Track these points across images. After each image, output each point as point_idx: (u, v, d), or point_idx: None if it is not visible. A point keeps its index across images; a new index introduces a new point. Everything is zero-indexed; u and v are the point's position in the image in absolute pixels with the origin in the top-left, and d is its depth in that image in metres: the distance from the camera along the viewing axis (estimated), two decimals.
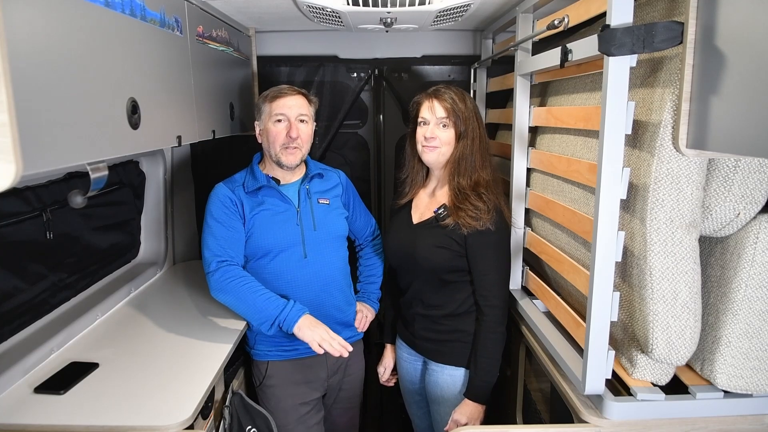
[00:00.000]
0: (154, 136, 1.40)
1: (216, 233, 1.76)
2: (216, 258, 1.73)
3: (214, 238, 1.75)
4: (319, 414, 1.94)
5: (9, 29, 0.81)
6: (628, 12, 1.14)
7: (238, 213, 1.79)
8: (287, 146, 1.78)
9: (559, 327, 1.65)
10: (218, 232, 1.76)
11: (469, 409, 1.70)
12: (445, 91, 1.72)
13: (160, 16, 1.43)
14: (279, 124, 1.78)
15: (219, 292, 1.72)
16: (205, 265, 1.75)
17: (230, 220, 1.77)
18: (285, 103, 1.78)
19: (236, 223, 1.78)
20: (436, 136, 1.71)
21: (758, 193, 1.22)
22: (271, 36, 2.58)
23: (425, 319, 1.81)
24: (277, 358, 1.88)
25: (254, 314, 1.69)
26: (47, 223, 1.67)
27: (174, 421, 1.30)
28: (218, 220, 1.77)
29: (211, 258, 1.73)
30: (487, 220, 1.65)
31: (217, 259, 1.73)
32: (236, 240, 1.77)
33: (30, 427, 1.30)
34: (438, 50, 2.67)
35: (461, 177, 1.70)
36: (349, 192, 2.04)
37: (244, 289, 1.69)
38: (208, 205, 1.80)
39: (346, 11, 1.94)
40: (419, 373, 1.94)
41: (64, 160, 0.99)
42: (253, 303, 1.68)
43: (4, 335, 1.52)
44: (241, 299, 1.70)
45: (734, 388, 1.30)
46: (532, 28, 1.81)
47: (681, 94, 1.11)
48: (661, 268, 1.23)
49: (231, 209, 1.78)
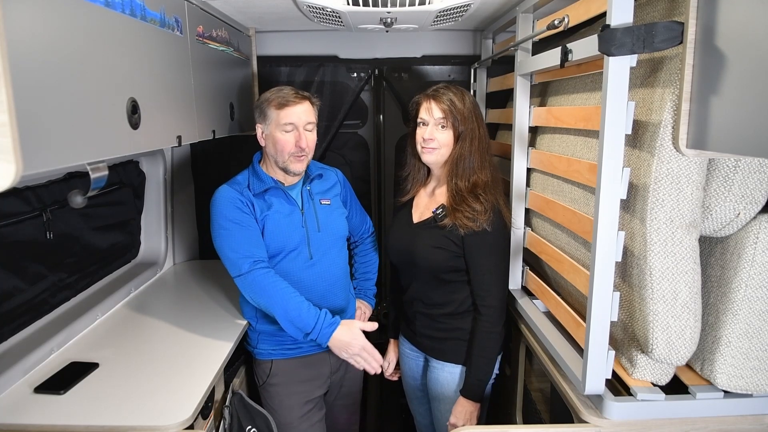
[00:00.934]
0: (154, 136, 1.40)
1: (236, 235, 1.72)
2: (248, 259, 1.69)
3: (237, 240, 1.71)
4: (321, 412, 1.95)
5: (9, 29, 0.81)
6: (628, 12, 1.14)
7: (252, 213, 1.77)
8: (296, 155, 1.77)
9: (559, 327, 1.65)
10: (238, 233, 1.72)
11: (464, 408, 1.71)
12: (444, 92, 1.72)
13: (160, 16, 1.43)
14: (287, 134, 1.75)
15: (253, 295, 1.70)
16: (234, 268, 1.70)
17: (246, 220, 1.74)
18: (294, 112, 1.75)
19: (252, 222, 1.75)
20: (434, 137, 1.71)
21: (758, 193, 1.22)
22: (271, 36, 2.57)
23: (426, 317, 1.82)
24: (281, 357, 1.88)
25: (288, 324, 1.67)
26: (47, 223, 1.67)
27: (174, 421, 1.30)
28: (234, 221, 1.73)
29: (241, 260, 1.69)
30: (484, 221, 1.65)
31: (250, 260, 1.69)
32: (258, 238, 1.75)
33: (30, 427, 1.30)
34: (438, 50, 2.66)
35: (459, 179, 1.70)
36: (347, 189, 2.05)
37: (278, 295, 1.67)
38: (218, 207, 1.75)
39: (346, 11, 1.94)
40: (421, 369, 1.95)
41: (64, 160, 0.99)
42: (286, 312, 1.66)
43: (4, 335, 1.52)
44: (275, 305, 1.67)
45: (734, 388, 1.30)
46: (532, 28, 1.81)
47: (681, 94, 1.11)
48: (661, 268, 1.23)
49: (244, 210, 1.75)
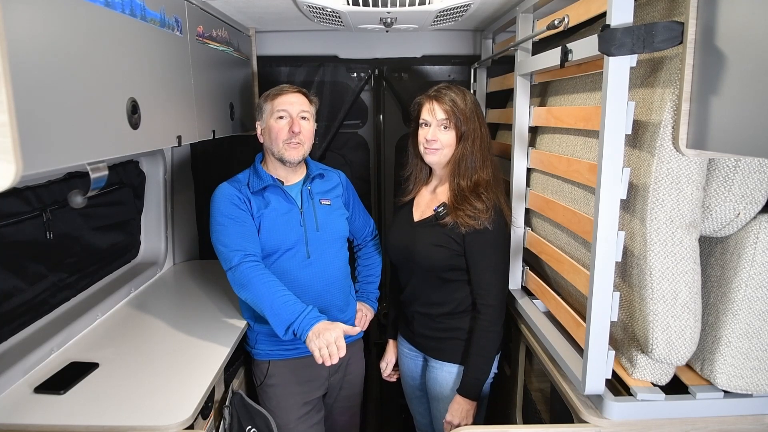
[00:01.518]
0: (154, 136, 1.40)
1: (230, 229, 1.73)
2: (239, 252, 1.68)
3: (230, 234, 1.72)
4: (319, 413, 1.95)
5: (9, 29, 0.81)
6: (628, 12, 1.14)
7: (248, 210, 1.78)
8: (290, 141, 1.78)
9: (559, 327, 1.65)
10: (232, 228, 1.73)
11: (460, 407, 1.71)
12: (446, 92, 1.72)
13: (160, 16, 1.43)
14: (281, 121, 1.79)
15: (240, 288, 1.69)
16: (225, 261, 1.71)
17: (242, 216, 1.76)
18: (286, 100, 1.79)
19: (248, 219, 1.77)
20: (437, 138, 1.71)
21: (758, 193, 1.22)
22: (271, 36, 2.57)
23: (424, 317, 1.82)
24: (279, 358, 1.88)
25: (271, 317, 1.63)
26: (47, 223, 1.67)
27: (174, 421, 1.30)
28: (229, 216, 1.74)
29: (231, 254, 1.69)
30: (485, 220, 1.65)
31: (241, 254, 1.68)
32: (252, 234, 1.75)
33: (30, 427, 1.30)
34: (438, 50, 2.66)
35: (461, 178, 1.70)
36: (349, 191, 2.05)
37: (264, 288, 1.64)
38: (215, 204, 1.78)
39: (346, 11, 1.94)
40: (420, 369, 1.95)
41: (64, 160, 0.99)
42: (271, 305, 1.63)
43: (4, 335, 1.52)
44: (261, 298, 1.64)
45: (734, 388, 1.30)
46: (532, 28, 1.81)
47: (681, 94, 1.11)
48: (661, 268, 1.23)
49: (241, 206, 1.77)
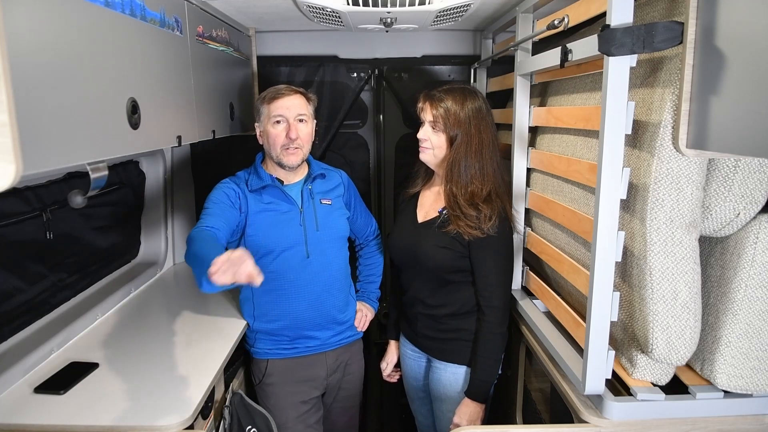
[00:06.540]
0: (154, 136, 1.40)
1: (209, 211, 1.70)
2: (200, 226, 1.62)
3: (206, 215, 1.69)
4: (318, 413, 1.95)
5: (9, 29, 0.81)
6: (628, 12, 1.14)
7: (238, 204, 1.77)
8: (287, 147, 1.77)
9: (559, 327, 1.65)
10: (209, 209, 1.71)
11: (468, 409, 1.70)
12: (441, 95, 1.70)
13: (160, 16, 1.43)
14: (278, 126, 1.77)
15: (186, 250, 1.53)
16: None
17: (226, 203, 1.74)
18: (283, 104, 1.76)
19: (230, 209, 1.74)
20: (427, 137, 1.72)
21: (758, 193, 1.22)
22: (271, 36, 2.57)
23: (427, 318, 1.81)
24: (277, 357, 1.88)
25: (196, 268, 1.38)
26: (47, 223, 1.67)
27: (174, 421, 1.30)
28: (216, 202, 1.74)
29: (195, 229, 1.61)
30: (488, 228, 1.64)
31: (202, 226, 1.61)
32: (225, 217, 1.70)
33: (30, 427, 1.30)
34: (438, 50, 2.66)
35: (453, 184, 1.68)
36: (351, 192, 2.04)
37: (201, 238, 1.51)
38: (210, 194, 1.78)
39: (346, 11, 1.93)
40: (423, 370, 1.94)
41: (64, 160, 0.99)
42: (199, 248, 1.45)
43: (4, 335, 1.52)
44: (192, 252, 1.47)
45: (734, 388, 1.30)
46: (532, 28, 1.81)
47: (681, 94, 1.11)
48: (661, 268, 1.23)
49: (231, 198, 1.76)
